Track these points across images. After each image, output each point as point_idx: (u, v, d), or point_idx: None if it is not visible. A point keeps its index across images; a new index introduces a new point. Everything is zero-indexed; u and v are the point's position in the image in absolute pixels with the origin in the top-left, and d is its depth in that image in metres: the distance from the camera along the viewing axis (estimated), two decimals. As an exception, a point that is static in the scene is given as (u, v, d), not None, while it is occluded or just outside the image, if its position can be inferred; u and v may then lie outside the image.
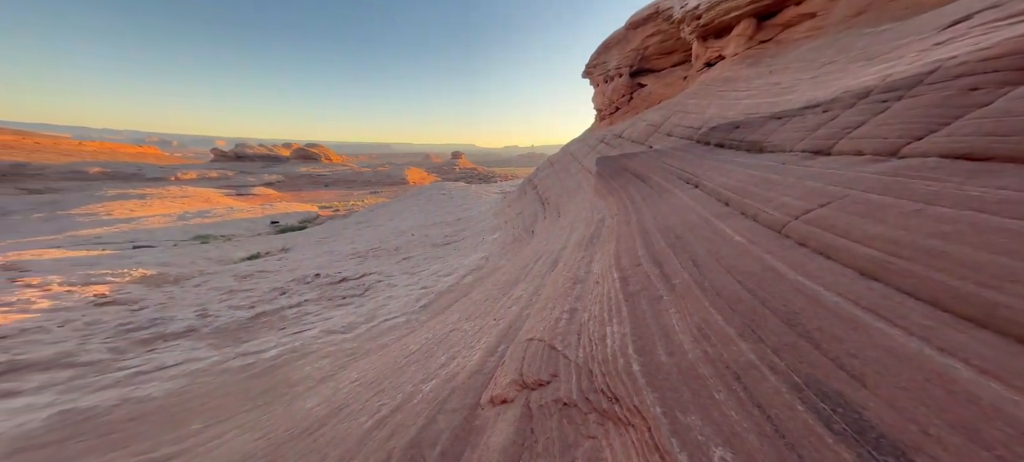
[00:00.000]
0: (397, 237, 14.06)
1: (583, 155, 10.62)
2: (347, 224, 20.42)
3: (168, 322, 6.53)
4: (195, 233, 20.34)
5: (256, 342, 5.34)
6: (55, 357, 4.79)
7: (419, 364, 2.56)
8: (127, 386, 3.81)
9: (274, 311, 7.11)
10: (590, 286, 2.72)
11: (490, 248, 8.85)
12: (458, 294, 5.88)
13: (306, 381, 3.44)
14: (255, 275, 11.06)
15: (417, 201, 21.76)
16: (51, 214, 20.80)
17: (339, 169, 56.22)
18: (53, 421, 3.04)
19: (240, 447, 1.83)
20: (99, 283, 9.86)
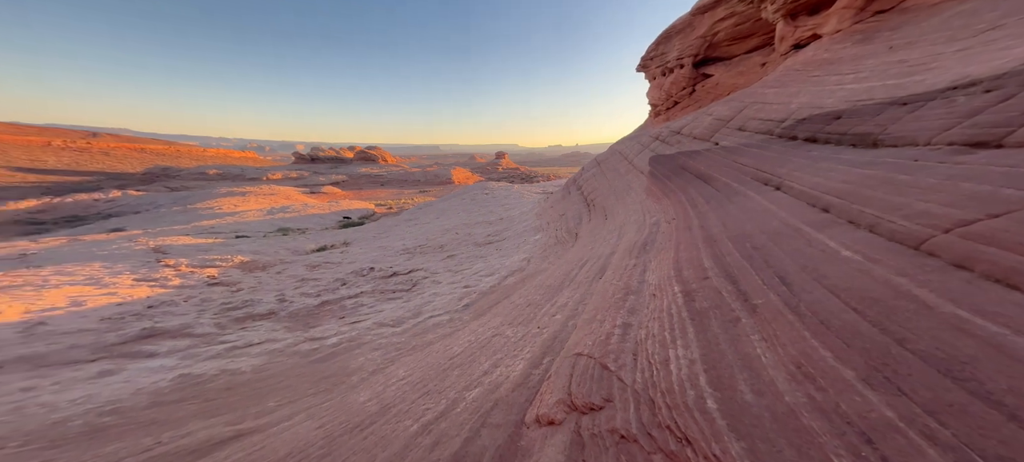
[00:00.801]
0: (442, 235, 14.73)
1: (634, 154, 9.92)
2: (398, 221, 22.03)
3: (256, 304, 7.64)
4: (278, 226, 23.73)
5: (320, 328, 5.96)
6: (179, 327, 5.90)
7: (462, 369, 2.56)
8: (225, 359, 4.50)
9: (336, 301, 7.91)
10: (645, 298, 2.46)
11: (532, 249, 8.76)
12: (500, 296, 5.89)
13: (360, 372, 3.70)
14: (322, 266, 12.45)
15: (461, 200, 22.63)
16: (183, 208, 26.00)
17: (393, 169, 61.19)
18: (175, 383, 3.70)
19: (304, 434, 1.98)
20: (211, 266, 11.98)
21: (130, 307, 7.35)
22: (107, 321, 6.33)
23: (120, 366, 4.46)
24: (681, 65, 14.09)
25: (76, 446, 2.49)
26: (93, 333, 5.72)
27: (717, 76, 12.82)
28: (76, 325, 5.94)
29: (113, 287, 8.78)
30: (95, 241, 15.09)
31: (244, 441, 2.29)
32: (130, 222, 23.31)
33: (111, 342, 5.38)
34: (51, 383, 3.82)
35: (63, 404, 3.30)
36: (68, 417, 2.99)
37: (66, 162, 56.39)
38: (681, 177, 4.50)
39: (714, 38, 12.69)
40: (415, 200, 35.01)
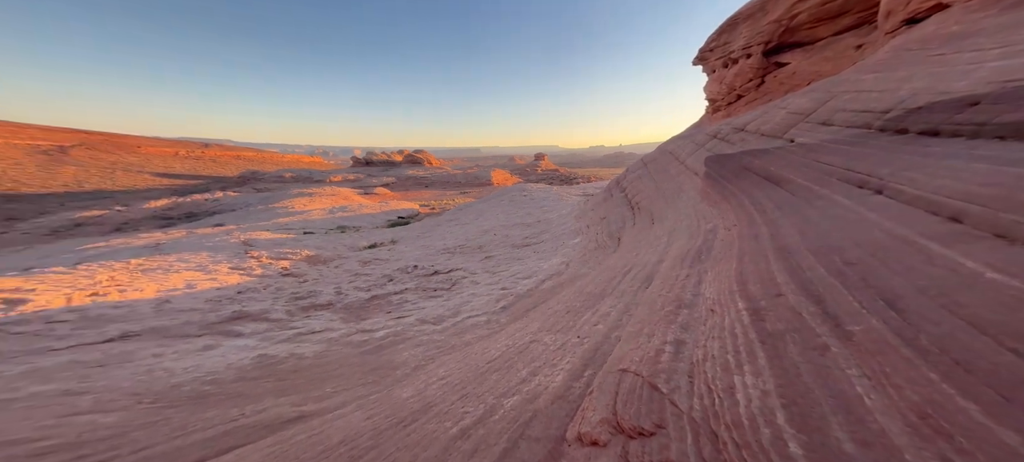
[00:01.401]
0: (481, 236, 15.10)
1: (687, 154, 9.10)
2: (440, 221, 23.12)
3: (317, 295, 8.57)
4: (337, 224, 26.45)
5: (370, 322, 6.46)
6: (260, 312, 6.85)
7: (500, 374, 2.55)
8: (293, 343, 5.10)
9: (383, 296, 8.53)
10: (701, 314, 2.20)
11: (570, 253, 8.53)
12: (537, 299, 5.81)
13: (404, 367, 3.91)
14: (372, 262, 13.55)
15: (500, 202, 22.99)
16: (266, 206, 30.37)
17: (437, 172, 64.62)
18: (255, 361, 4.29)
19: (355, 424, 2.13)
20: (284, 259, 13.76)
21: (225, 292, 8.77)
22: (210, 302, 7.61)
23: (218, 342, 5.31)
24: (748, 54, 12.59)
25: (185, 408, 2.99)
26: (200, 312, 6.92)
27: (794, 64, 11.19)
28: (189, 304, 7.24)
29: (215, 273, 10.54)
30: (204, 234, 18.25)
31: (305, 423, 2.53)
32: (228, 218, 27.81)
33: (212, 321, 6.45)
34: (171, 352, 4.68)
35: (178, 371, 4.02)
36: (181, 382, 3.63)
37: (187, 168, 70.21)
38: (744, 179, 3.99)
39: (793, 21, 11.09)
40: (456, 201, 36.48)
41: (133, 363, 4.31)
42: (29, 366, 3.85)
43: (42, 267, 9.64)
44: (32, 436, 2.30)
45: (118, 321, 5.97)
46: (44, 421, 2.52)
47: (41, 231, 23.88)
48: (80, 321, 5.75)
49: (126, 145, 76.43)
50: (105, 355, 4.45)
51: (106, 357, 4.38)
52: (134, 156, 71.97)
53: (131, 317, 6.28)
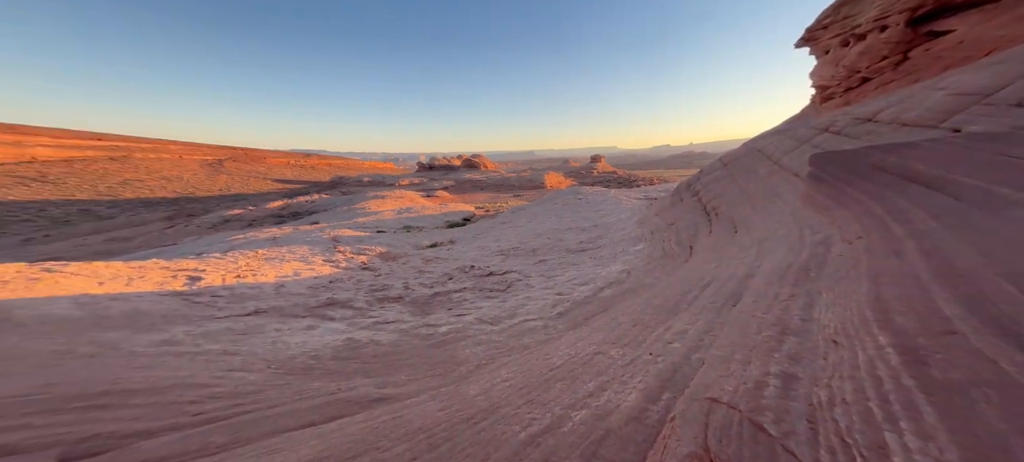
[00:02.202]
0: (535, 239, 15.14)
1: (783, 152, 7.69)
2: (494, 224, 23.90)
3: (389, 289, 9.60)
4: (404, 224, 29.31)
5: (434, 317, 6.97)
6: (346, 300, 7.96)
7: (565, 383, 2.50)
8: (373, 331, 5.80)
9: (445, 293, 9.15)
10: (816, 344, 1.83)
11: (632, 261, 7.96)
12: (596, 308, 5.57)
13: (467, 363, 4.12)
14: (433, 261, 14.64)
15: (553, 205, 22.77)
16: (349, 208, 35.35)
17: (492, 175, 67.14)
18: (344, 343, 5.00)
19: (430, 413, 2.29)
20: (363, 254, 15.77)
21: (320, 281, 10.44)
22: (310, 289, 9.15)
23: (317, 324, 6.34)
24: (882, 26, 10.00)
25: (299, 377, 3.63)
26: (304, 297, 8.36)
27: (962, 31, 8.40)
28: (297, 289, 8.81)
29: (313, 264, 12.65)
30: (304, 231, 21.99)
31: (387, 405, 2.82)
32: (321, 217, 33.09)
33: (312, 305, 7.73)
34: (287, 329, 5.74)
35: (293, 345, 4.92)
36: (294, 355, 4.42)
37: (294, 175, 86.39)
38: (872, 180, 3.19)
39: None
40: (509, 204, 37.31)
41: (263, 334, 5.42)
42: (203, 329, 5.15)
43: (207, 253, 12.82)
44: (209, 382, 3.05)
45: (253, 299, 7.56)
46: (215, 372, 3.32)
47: (206, 225, 31.69)
48: (230, 297, 7.46)
49: (257, 158, 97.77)
50: (246, 326, 5.70)
51: (247, 327, 5.60)
52: (262, 166, 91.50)
53: (260, 297, 7.91)
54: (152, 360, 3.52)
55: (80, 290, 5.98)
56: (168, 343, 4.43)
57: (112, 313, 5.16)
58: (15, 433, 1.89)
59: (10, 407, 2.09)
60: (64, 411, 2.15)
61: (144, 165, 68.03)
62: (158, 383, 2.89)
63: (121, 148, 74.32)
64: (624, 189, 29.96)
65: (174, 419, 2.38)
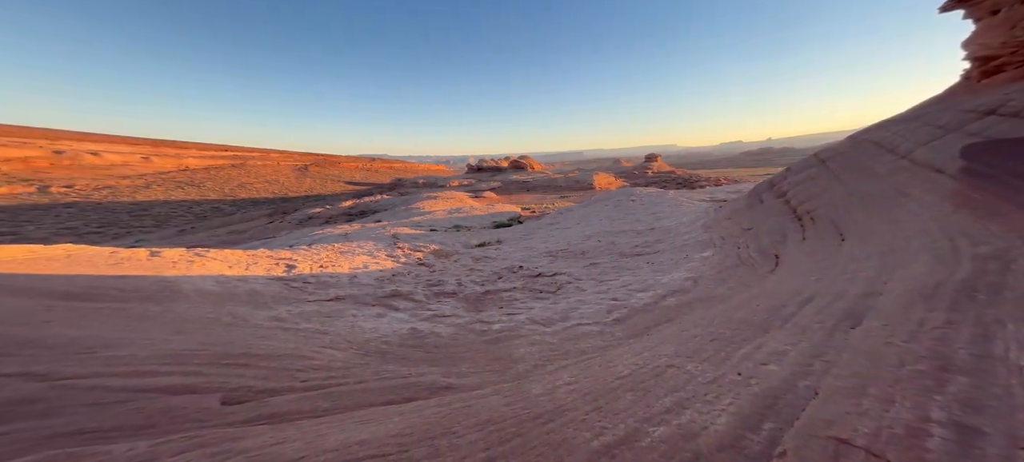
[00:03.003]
0: (584, 241, 14.69)
1: (916, 144, 6.15)
2: (541, 225, 23.82)
3: (444, 284, 10.19)
4: (454, 223, 30.86)
5: (487, 314, 7.19)
6: (407, 292, 8.67)
7: (636, 395, 2.35)
8: (433, 322, 6.22)
9: (495, 292, 9.38)
10: (1004, 390, 1.42)
11: (699, 268, 7.21)
12: (659, 317, 5.17)
13: (524, 362, 4.16)
14: (482, 259, 15.12)
15: (603, 207, 21.84)
16: (406, 207, 38.56)
17: (538, 176, 67.12)
18: (409, 332, 5.44)
19: (497, 407, 2.35)
20: (419, 251, 16.99)
21: (385, 273, 11.55)
22: (377, 280, 10.18)
23: (385, 312, 7.02)
24: None
25: (375, 359, 4.05)
26: (372, 287, 9.34)
27: None
28: (366, 280, 9.88)
29: (378, 259, 14.06)
30: (370, 228, 24.50)
31: (454, 394, 2.97)
32: (383, 216, 36.58)
33: (379, 295, 8.59)
34: (361, 315, 6.47)
35: (367, 329, 5.53)
36: (370, 339, 4.95)
37: (361, 177, 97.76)
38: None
39: None
40: (556, 205, 36.87)
41: (343, 318, 6.19)
42: (300, 309, 6.09)
43: (297, 245, 15.13)
44: (309, 355, 3.58)
45: (333, 287, 8.69)
46: (312, 347, 3.89)
47: (295, 221, 37.47)
48: (317, 284, 8.68)
49: (333, 162, 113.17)
50: (330, 310, 6.58)
51: (330, 311, 6.47)
52: (337, 170, 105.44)
53: (338, 285, 9.05)
54: (268, 332, 4.27)
55: (218, 271, 7.54)
56: (276, 319, 5.34)
57: (239, 292, 6.41)
58: (191, 377, 2.46)
59: (187, 357, 2.73)
60: (218, 365, 2.74)
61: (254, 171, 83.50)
62: (274, 351, 3.49)
63: (240, 157, 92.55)
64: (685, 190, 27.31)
65: (289, 383, 2.84)
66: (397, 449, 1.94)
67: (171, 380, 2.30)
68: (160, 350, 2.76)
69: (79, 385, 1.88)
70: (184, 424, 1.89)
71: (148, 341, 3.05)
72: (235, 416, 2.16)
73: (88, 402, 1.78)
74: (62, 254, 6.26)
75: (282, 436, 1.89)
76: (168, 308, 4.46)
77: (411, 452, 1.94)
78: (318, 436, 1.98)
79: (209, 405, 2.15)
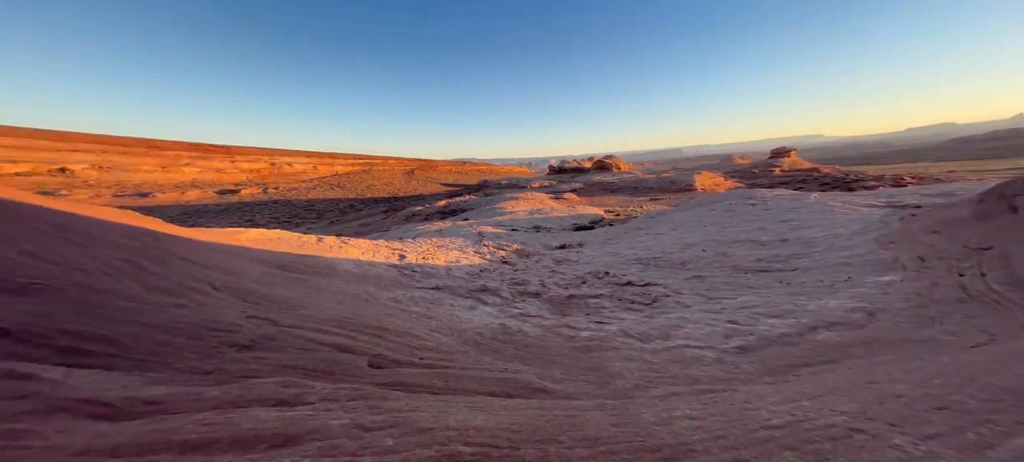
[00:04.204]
0: (683, 250, 12.74)
1: None
2: (627, 229, 21.87)
3: (528, 284, 10.35)
4: (534, 224, 31.31)
5: (573, 319, 6.93)
6: (494, 289, 9.15)
7: (798, 456, 1.78)
8: (520, 321, 6.35)
9: (580, 297, 9.01)
10: None
11: (876, 297, 5.21)
12: (808, 355, 3.95)
13: (621, 378, 3.78)
14: (564, 262, 14.78)
15: (709, 211, 18.54)
16: (490, 208, 41.28)
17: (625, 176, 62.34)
18: (499, 328, 5.68)
19: (604, 424, 2.14)
20: (503, 250, 17.82)
21: (474, 269, 12.54)
22: (467, 275, 11.13)
23: (476, 306, 7.56)
24: None
25: (472, 348, 4.34)
26: (464, 281, 10.24)
27: None
28: (459, 274, 10.91)
29: (467, 254, 15.38)
30: (460, 226, 27.08)
31: (553, 400, 2.87)
32: (470, 215, 40.03)
33: (470, 289, 9.34)
34: (457, 306, 7.12)
35: (463, 319, 6.05)
36: (466, 329, 5.38)
37: (453, 179, 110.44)
38: None
39: None
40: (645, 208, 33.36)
41: (443, 306, 6.95)
42: (411, 294, 7.16)
43: (404, 238, 17.95)
44: (422, 336, 4.10)
45: (433, 277, 9.90)
46: (423, 330, 4.45)
47: (402, 218, 44.72)
48: (421, 273, 10.06)
49: (433, 167, 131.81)
50: (433, 297, 7.51)
51: (433, 298, 7.37)
52: (435, 173, 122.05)
53: (437, 275, 10.26)
54: (391, 311, 5.13)
55: (355, 256, 9.55)
56: (395, 301, 6.38)
57: (369, 274, 7.96)
58: (349, 340, 3.11)
59: (344, 323, 3.49)
60: (364, 333, 3.40)
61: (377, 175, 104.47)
62: (398, 328, 4.13)
63: (368, 164, 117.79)
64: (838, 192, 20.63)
65: (410, 358, 3.27)
66: (508, 444, 1.97)
67: (338, 339, 2.96)
68: (329, 314, 3.63)
69: (292, 333, 2.63)
70: (348, 376, 2.38)
71: (321, 306, 4.07)
72: (378, 378, 2.59)
73: (298, 346, 2.47)
74: (275, 236, 9.03)
75: (414, 405, 2.15)
76: (330, 282, 5.89)
77: (521, 451, 1.94)
78: (440, 413, 2.18)
79: (361, 365, 2.66)
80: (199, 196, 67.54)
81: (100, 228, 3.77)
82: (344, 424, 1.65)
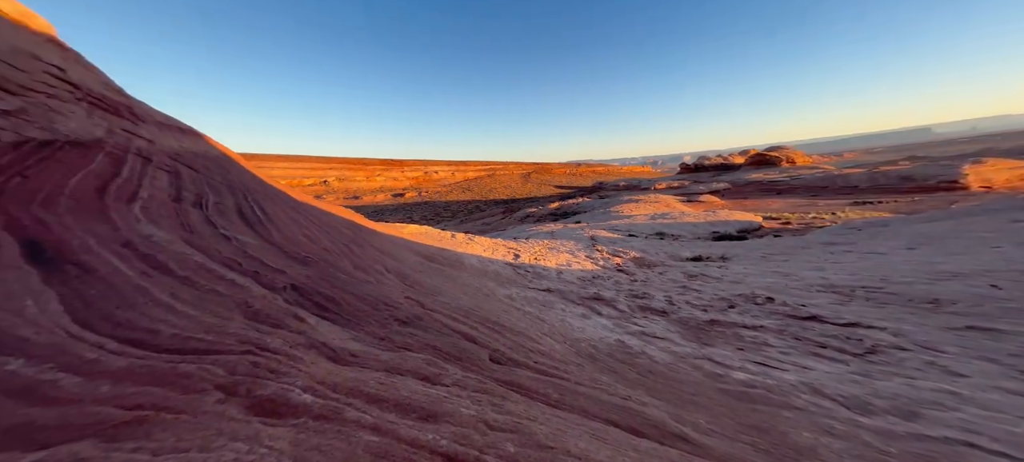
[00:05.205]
0: (932, 282, 8.00)
1: None
2: (806, 243, 15.83)
3: (650, 298, 8.93)
4: (657, 230, 27.25)
5: (717, 351, 5.42)
6: (609, 299, 8.35)
7: None
8: (642, 340, 5.47)
9: (727, 324, 7.01)
10: None
11: None
12: None
13: (810, 456, 2.56)
14: (699, 278, 12.02)
15: (1008, 221, 11.02)
16: (605, 211, 38.94)
17: (801, 173, 46.26)
18: (617, 345, 5.05)
19: None
20: (618, 256, 16.31)
21: (585, 275, 11.93)
22: (579, 280, 10.68)
23: (589, 314, 7.08)
24: None
25: (588, 363, 3.97)
26: (575, 286, 9.86)
27: None
28: (570, 278, 10.62)
29: (578, 258, 14.85)
30: (571, 229, 26.64)
31: (697, 458, 2.16)
32: (582, 218, 38.87)
33: (582, 296, 8.88)
34: (569, 312, 6.87)
35: (576, 327, 5.74)
36: (578, 339, 5.05)
37: (567, 181, 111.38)
38: None
39: None
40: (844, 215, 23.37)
41: (553, 310, 6.85)
42: (524, 294, 7.44)
43: (518, 238, 19.12)
44: (536, 338, 4.06)
45: (545, 279, 10.01)
46: (536, 333, 4.43)
47: (517, 219, 48.22)
48: (533, 274, 10.37)
49: (548, 169, 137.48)
50: (544, 300, 7.55)
51: (544, 301, 7.40)
52: (550, 176, 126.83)
53: (548, 277, 10.31)
54: (507, 308, 5.43)
55: (479, 253, 10.82)
56: (510, 298, 6.76)
57: (489, 270, 8.81)
58: (472, 330, 3.41)
59: (469, 313, 3.88)
60: (485, 326, 3.67)
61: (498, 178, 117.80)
62: (513, 326, 4.26)
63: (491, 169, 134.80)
64: None
65: (525, 359, 3.25)
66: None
67: (464, 328, 3.29)
68: (458, 304, 4.15)
69: (433, 316, 3.13)
70: (474, 366, 2.56)
71: (453, 295, 4.72)
72: (497, 374, 2.67)
73: (437, 329, 2.89)
74: (424, 231, 11.42)
75: (531, 413, 2.05)
76: (459, 274, 6.85)
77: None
78: (558, 430, 1.99)
79: (483, 358, 2.82)
80: (383, 198, 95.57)
81: (336, 221, 5.71)
82: (472, 415, 1.71)
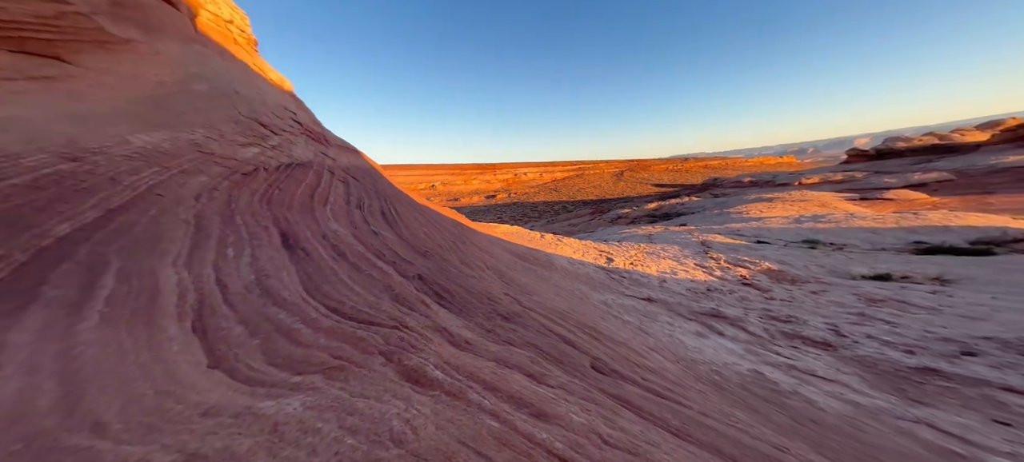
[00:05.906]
0: None
1: None
2: None
3: (801, 324, 6.80)
4: (805, 237, 20.73)
5: (942, 416, 3.64)
6: (735, 318, 6.78)
7: None
8: (794, 378, 4.17)
9: (957, 377, 4.64)
10: None
11: None
12: None
13: None
14: (888, 304, 8.49)
15: None
16: (720, 211, 32.31)
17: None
18: (752, 377, 4.00)
19: None
20: (742, 267, 13.18)
21: (697, 285, 10.05)
22: (689, 291, 9.08)
23: (706, 333, 5.90)
24: None
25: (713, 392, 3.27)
26: (684, 297, 8.42)
27: None
28: (676, 288, 9.15)
29: (685, 266, 12.68)
30: (674, 231, 23.12)
31: None
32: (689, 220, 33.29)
33: (695, 310, 7.50)
34: (678, 327, 5.90)
35: (689, 346, 4.87)
36: (696, 360, 4.25)
37: (669, 179, 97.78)
38: None
39: None
40: None
41: (658, 323, 6.01)
42: (620, 301, 6.82)
43: (610, 241, 17.76)
44: (640, 351, 3.64)
45: (644, 286, 8.94)
46: (640, 345, 3.96)
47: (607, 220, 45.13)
48: (630, 280, 9.42)
49: (645, 166, 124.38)
50: (645, 310, 6.72)
51: (646, 312, 6.59)
52: (647, 173, 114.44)
53: (648, 285, 9.16)
54: (603, 314, 5.06)
55: (568, 254, 10.57)
56: (605, 304, 6.29)
57: (580, 273, 8.47)
58: (570, 333, 3.29)
59: (565, 315, 3.78)
60: (582, 330, 3.50)
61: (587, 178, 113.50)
62: (612, 335, 3.91)
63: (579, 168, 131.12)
64: None
65: (631, 374, 2.91)
66: None
67: (562, 331, 3.21)
68: (553, 304, 4.11)
69: (530, 314, 3.19)
70: (576, 372, 2.45)
71: (547, 295, 4.71)
72: (600, 384, 2.47)
73: (535, 328, 2.92)
74: (514, 231, 11.95)
75: (651, 438, 1.79)
76: (551, 275, 6.82)
77: None
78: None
79: (584, 364, 2.67)
80: (478, 200, 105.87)
81: (444, 220, 6.59)
82: (582, 423, 1.61)
